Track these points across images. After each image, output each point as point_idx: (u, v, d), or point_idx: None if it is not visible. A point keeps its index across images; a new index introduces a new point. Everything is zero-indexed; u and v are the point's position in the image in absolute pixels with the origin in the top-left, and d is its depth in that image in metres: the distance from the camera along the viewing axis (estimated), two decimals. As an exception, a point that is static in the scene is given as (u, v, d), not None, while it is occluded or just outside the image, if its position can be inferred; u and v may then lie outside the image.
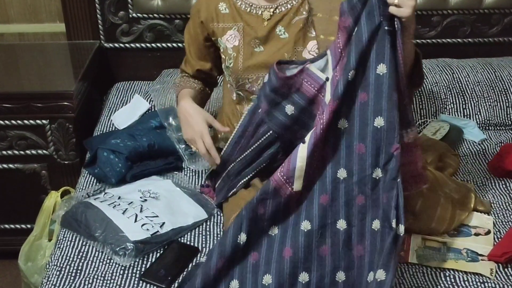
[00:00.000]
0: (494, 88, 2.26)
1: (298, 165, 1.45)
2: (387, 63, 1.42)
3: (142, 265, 1.59)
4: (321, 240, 1.45)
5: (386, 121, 1.43)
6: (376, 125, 1.44)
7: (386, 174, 1.43)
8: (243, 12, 1.69)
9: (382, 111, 1.43)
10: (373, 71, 1.43)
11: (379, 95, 1.43)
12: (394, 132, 1.43)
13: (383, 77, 1.43)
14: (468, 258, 1.61)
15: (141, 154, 1.92)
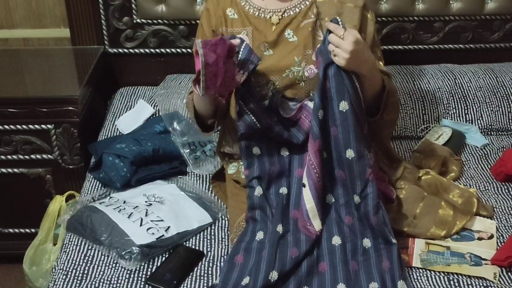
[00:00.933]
0: (496, 93, 2.27)
1: (308, 207, 1.57)
2: (348, 99, 1.54)
3: (148, 269, 1.60)
4: (319, 257, 1.54)
5: (355, 152, 1.57)
6: (347, 157, 1.57)
7: (367, 199, 1.57)
8: (251, 16, 1.70)
9: (351, 143, 1.57)
10: (336, 109, 1.55)
11: (346, 129, 1.56)
12: (364, 160, 1.57)
13: (346, 113, 1.55)
14: (471, 262, 1.62)
15: (146, 158, 1.94)
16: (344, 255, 1.54)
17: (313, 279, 1.52)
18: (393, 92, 1.69)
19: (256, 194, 1.63)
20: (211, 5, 1.74)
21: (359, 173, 1.58)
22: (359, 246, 1.56)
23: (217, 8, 1.73)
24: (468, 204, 1.80)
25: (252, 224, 1.62)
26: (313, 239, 1.56)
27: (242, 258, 1.55)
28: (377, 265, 1.53)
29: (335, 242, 1.56)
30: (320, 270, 1.53)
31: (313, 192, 1.56)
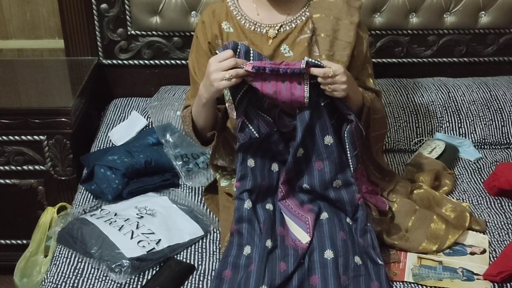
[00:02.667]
0: (489, 107, 2.27)
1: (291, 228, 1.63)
2: (331, 134, 1.61)
3: (138, 282, 1.59)
4: (311, 271, 1.54)
5: (342, 182, 1.64)
6: (335, 186, 1.65)
7: (357, 222, 1.62)
8: (247, 30, 1.70)
9: (337, 175, 1.64)
10: (321, 143, 1.62)
11: (332, 161, 1.63)
12: (352, 188, 1.64)
13: (331, 147, 1.62)
14: (463, 277, 1.61)
15: (138, 170, 1.93)
16: (336, 270, 1.53)
17: None
18: (375, 109, 1.71)
19: (246, 207, 1.62)
20: (206, 18, 1.74)
21: (349, 200, 1.64)
22: (351, 261, 1.56)
23: (212, 21, 1.73)
24: (460, 219, 1.79)
25: (238, 237, 1.61)
26: (303, 252, 1.56)
27: (231, 274, 1.54)
28: (366, 284, 1.53)
29: (327, 256, 1.55)
30: (311, 284, 1.52)
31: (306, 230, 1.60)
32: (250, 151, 1.65)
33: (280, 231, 1.62)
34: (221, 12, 1.73)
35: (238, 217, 1.62)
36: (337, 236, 1.59)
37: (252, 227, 1.61)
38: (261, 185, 1.65)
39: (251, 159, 1.65)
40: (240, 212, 1.63)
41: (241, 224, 1.62)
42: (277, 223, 1.64)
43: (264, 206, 1.65)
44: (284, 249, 1.57)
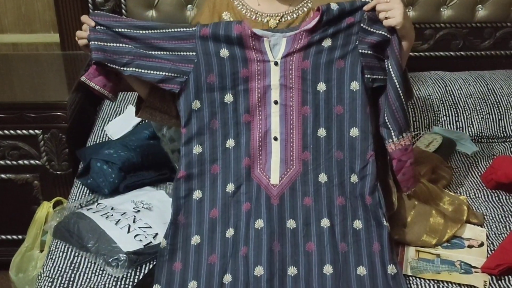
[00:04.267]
0: (486, 101, 2.27)
1: (273, 159, 1.63)
2: (359, 81, 1.60)
3: (135, 276, 1.58)
4: (306, 237, 1.56)
5: (360, 132, 1.62)
6: (351, 135, 1.62)
7: (365, 178, 1.61)
8: (248, 20, 1.70)
9: (357, 122, 1.61)
10: (347, 87, 1.61)
11: (354, 108, 1.61)
12: (368, 141, 1.62)
13: (356, 93, 1.61)
14: (461, 270, 1.61)
15: (134, 164, 1.92)
16: (333, 238, 1.54)
17: (299, 259, 1.53)
18: None
19: (195, 153, 1.62)
20: (206, 9, 1.75)
21: (361, 153, 1.61)
22: (349, 228, 1.57)
23: (213, 12, 1.73)
24: (458, 212, 1.79)
25: (187, 182, 1.61)
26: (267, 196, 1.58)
27: (184, 218, 1.59)
28: (367, 247, 1.54)
29: (324, 225, 1.56)
30: (307, 250, 1.54)
31: (283, 146, 1.61)
32: (193, 92, 1.62)
33: (246, 163, 1.62)
34: (222, 3, 1.73)
35: (187, 162, 1.62)
36: (335, 202, 1.59)
37: (203, 172, 1.62)
38: (211, 124, 1.63)
39: (196, 101, 1.63)
40: (188, 157, 1.62)
41: (191, 170, 1.62)
42: (242, 154, 1.62)
43: (223, 143, 1.64)
44: (250, 187, 1.60)
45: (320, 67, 1.62)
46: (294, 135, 1.64)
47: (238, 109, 1.64)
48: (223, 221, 1.59)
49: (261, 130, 1.64)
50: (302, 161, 1.63)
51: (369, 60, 1.61)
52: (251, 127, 1.64)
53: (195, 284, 1.52)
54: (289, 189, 1.61)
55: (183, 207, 1.61)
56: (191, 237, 1.58)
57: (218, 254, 1.55)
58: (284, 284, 1.50)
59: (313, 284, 1.50)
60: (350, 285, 1.50)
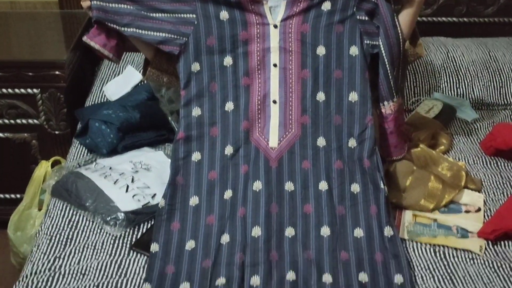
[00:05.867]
0: (488, 68, 2.26)
1: (272, 123, 1.62)
2: (358, 46, 1.62)
3: (133, 235, 1.59)
4: (305, 200, 1.57)
5: (359, 96, 1.63)
6: (350, 100, 1.63)
7: (364, 142, 1.62)
8: None
9: (356, 87, 1.62)
10: (346, 52, 1.62)
11: (353, 73, 1.62)
12: (366, 106, 1.63)
13: (355, 58, 1.62)
14: (458, 235, 1.62)
15: (132, 125, 1.91)
16: (330, 201, 1.56)
17: (297, 221, 1.54)
18: None
19: (194, 115, 1.63)
20: None
21: (359, 118, 1.63)
22: (346, 191, 1.58)
23: None
24: (456, 178, 1.79)
25: (185, 144, 1.62)
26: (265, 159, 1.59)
27: (182, 179, 1.59)
28: (364, 211, 1.56)
29: (322, 188, 1.58)
30: (304, 212, 1.55)
31: (282, 109, 1.62)
32: (193, 54, 1.62)
33: (245, 126, 1.62)
34: None
35: (186, 124, 1.63)
36: (333, 166, 1.60)
37: (202, 134, 1.63)
38: (210, 86, 1.63)
39: (195, 63, 1.63)
40: (188, 119, 1.63)
41: (190, 132, 1.62)
42: (241, 117, 1.62)
43: (223, 107, 1.64)
44: (247, 149, 1.61)
45: (319, 30, 1.61)
46: (293, 99, 1.64)
47: (237, 72, 1.63)
48: (222, 183, 1.60)
49: (260, 93, 1.63)
50: (301, 124, 1.63)
51: (367, 27, 1.62)
52: (250, 90, 1.64)
53: (193, 244, 1.52)
54: (287, 152, 1.62)
55: (182, 168, 1.61)
56: (189, 198, 1.59)
57: (216, 215, 1.56)
58: (282, 245, 1.51)
59: (310, 245, 1.51)
60: (347, 246, 1.51)
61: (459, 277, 1.48)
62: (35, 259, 1.51)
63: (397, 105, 1.70)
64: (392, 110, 1.69)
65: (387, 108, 1.69)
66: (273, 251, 1.49)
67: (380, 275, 1.46)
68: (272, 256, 1.48)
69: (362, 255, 1.50)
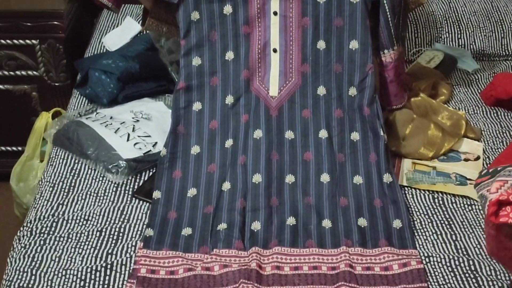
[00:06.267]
0: (490, 18, 2.23)
1: (272, 72, 1.62)
2: None
3: (135, 183, 1.61)
4: (305, 147, 1.58)
5: (360, 44, 1.62)
6: (351, 48, 1.63)
7: (364, 90, 1.63)
8: None
9: (356, 35, 1.61)
10: (347, 0, 1.60)
11: (353, 21, 1.61)
12: (367, 54, 1.62)
13: (356, 5, 1.61)
14: (456, 182, 1.63)
15: (133, 75, 1.90)
16: (330, 148, 1.58)
17: (297, 168, 1.56)
18: None
19: (194, 64, 1.63)
20: None
21: (360, 65, 1.63)
22: (346, 139, 1.60)
23: None
24: (456, 127, 1.80)
25: (187, 93, 1.63)
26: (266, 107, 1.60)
27: (184, 129, 1.61)
28: (364, 158, 1.57)
29: (322, 136, 1.59)
30: (305, 159, 1.57)
31: (282, 57, 1.62)
32: (193, 3, 1.61)
33: (245, 75, 1.62)
34: None
35: (186, 73, 1.63)
36: (333, 114, 1.61)
37: (202, 83, 1.63)
38: (210, 36, 1.63)
39: (195, 11, 1.62)
40: (188, 69, 1.63)
41: (190, 81, 1.63)
42: (241, 67, 1.62)
43: (223, 54, 1.64)
44: (248, 99, 1.61)
45: None
46: (293, 47, 1.63)
47: (237, 20, 1.62)
48: (222, 132, 1.61)
49: (261, 41, 1.63)
50: (301, 73, 1.63)
51: None
52: (250, 39, 1.63)
53: (194, 191, 1.54)
54: (288, 101, 1.62)
55: (183, 118, 1.62)
56: (190, 147, 1.60)
57: (218, 163, 1.57)
58: (282, 192, 1.52)
59: (310, 191, 1.53)
60: (346, 193, 1.53)
61: (457, 222, 1.50)
62: (38, 205, 1.52)
63: (397, 54, 1.69)
64: (393, 59, 1.68)
65: (387, 56, 1.68)
66: (274, 197, 1.51)
67: (379, 220, 1.48)
68: (272, 201, 1.50)
69: (361, 201, 1.52)
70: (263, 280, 1.34)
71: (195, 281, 1.33)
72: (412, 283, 1.34)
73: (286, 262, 1.39)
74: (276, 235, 1.44)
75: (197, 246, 1.43)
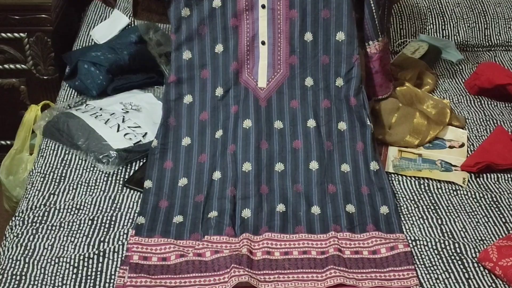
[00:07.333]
0: (473, 9, 2.27)
1: (261, 64, 1.65)
2: None
3: (126, 172, 1.62)
4: (293, 136, 1.61)
5: (346, 36, 1.65)
6: (337, 39, 1.65)
7: (351, 81, 1.66)
8: None
9: (343, 26, 1.64)
10: None
11: (340, 12, 1.64)
12: (353, 45, 1.66)
13: None
14: (442, 168, 1.67)
15: (122, 67, 1.91)
16: (319, 136, 1.60)
17: (286, 156, 1.58)
18: None
19: (184, 58, 1.66)
20: None
21: (346, 57, 1.66)
22: (334, 129, 1.63)
23: None
24: (441, 115, 1.83)
25: (178, 86, 1.66)
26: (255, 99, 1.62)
27: (174, 120, 1.63)
28: (351, 147, 1.61)
29: (310, 125, 1.62)
30: (294, 147, 1.59)
31: (270, 50, 1.64)
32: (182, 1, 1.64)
33: (234, 67, 1.65)
34: None
35: (177, 67, 1.66)
36: (321, 105, 1.64)
37: (192, 76, 1.66)
38: (199, 29, 1.66)
39: (185, 8, 1.64)
40: (178, 62, 1.66)
41: (180, 75, 1.66)
42: (230, 59, 1.65)
43: (212, 47, 1.66)
44: (237, 90, 1.64)
45: None
46: (281, 39, 1.65)
47: (226, 13, 1.64)
48: (213, 124, 1.63)
49: (249, 34, 1.65)
50: (289, 65, 1.66)
51: None
52: (239, 32, 1.65)
53: (185, 181, 1.56)
54: (276, 92, 1.65)
55: (173, 110, 1.64)
56: (181, 138, 1.62)
57: (208, 153, 1.59)
58: (272, 179, 1.55)
59: (299, 179, 1.55)
60: (334, 180, 1.56)
61: (443, 207, 1.54)
62: (30, 195, 1.53)
63: (382, 45, 1.72)
64: (377, 50, 1.72)
65: (372, 47, 1.71)
66: (263, 185, 1.53)
67: (366, 206, 1.51)
68: (262, 189, 1.52)
69: (349, 188, 1.55)
70: (254, 265, 1.36)
71: (187, 267, 1.35)
72: (399, 265, 1.37)
73: (276, 247, 1.41)
74: (266, 222, 1.46)
75: (188, 233, 1.45)
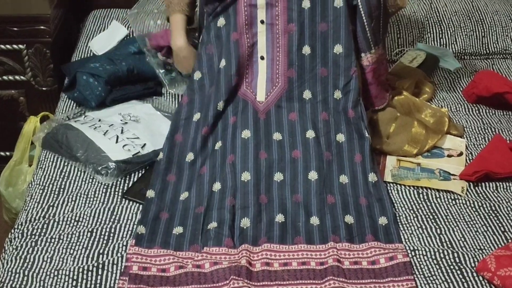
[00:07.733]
0: (471, 18, 2.28)
1: (259, 78, 1.67)
2: None
3: (124, 184, 1.62)
4: (292, 146, 1.62)
5: (344, 48, 1.66)
6: (335, 52, 1.66)
7: (349, 94, 1.66)
8: None
9: (340, 39, 1.65)
10: (330, 5, 1.64)
11: (337, 25, 1.65)
12: (351, 58, 1.67)
13: (339, 10, 1.64)
14: (440, 177, 1.67)
15: (120, 78, 1.92)
16: (318, 146, 1.61)
17: (285, 166, 1.58)
18: None
19: (195, 79, 1.71)
20: None
21: (344, 70, 1.67)
22: (332, 140, 1.63)
23: None
24: (439, 124, 1.84)
25: (189, 106, 1.70)
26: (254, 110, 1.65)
27: (181, 137, 1.66)
28: (349, 159, 1.61)
29: (309, 136, 1.62)
30: (293, 157, 1.60)
31: (269, 64, 1.66)
32: None
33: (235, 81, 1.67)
34: None
35: (190, 89, 1.72)
36: (319, 117, 1.64)
37: (203, 93, 1.70)
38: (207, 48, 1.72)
39: None
40: (191, 84, 1.72)
41: (192, 96, 1.71)
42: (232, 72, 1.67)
43: (218, 66, 1.69)
44: (236, 102, 1.67)
45: None
46: (280, 53, 1.67)
47: (229, 29, 1.68)
48: (213, 136, 1.64)
49: (248, 49, 1.67)
50: (287, 78, 1.67)
51: None
52: (239, 45, 1.67)
53: (186, 194, 1.56)
54: (274, 106, 1.67)
55: (182, 127, 1.68)
56: (185, 154, 1.63)
57: (207, 165, 1.60)
58: (271, 189, 1.55)
59: (298, 188, 1.55)
60: (333, 191, 1.56)
61: (442, 216, 1.54)
62: (29, 208, 1.53)
63: (375, 57, 1.73)
64: (370, 62, 1.72)
65: (364, 59, 1.73)
66: (262, 195, 1.53)
67: (365, 217, 1.51)
68: (261, 199, 1.52)
69: (347, 199, 1.55)
70: (253, 276, 1.36)
71: (186, 279, 1.35)
72: (399, 276, 1.37)
73: (275, 258, 1.41)
74: (265, 232, 1.46)
75: (188, 244, 1.45)
